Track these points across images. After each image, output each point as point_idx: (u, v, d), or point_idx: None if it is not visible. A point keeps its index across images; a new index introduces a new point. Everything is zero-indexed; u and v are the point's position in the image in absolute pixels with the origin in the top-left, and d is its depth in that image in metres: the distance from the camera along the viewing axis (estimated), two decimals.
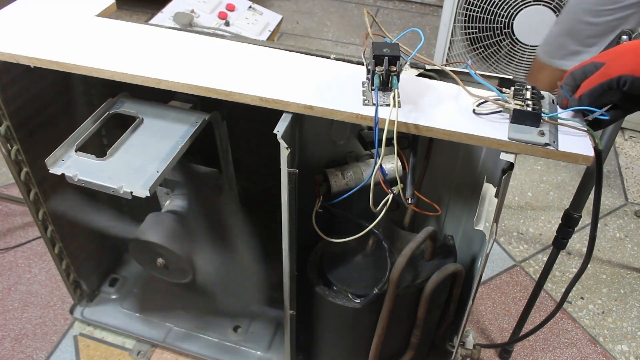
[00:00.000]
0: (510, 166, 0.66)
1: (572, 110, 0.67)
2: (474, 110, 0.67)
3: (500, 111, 0.67)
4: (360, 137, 0.86)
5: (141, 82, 0.73)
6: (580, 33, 1.36)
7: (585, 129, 0.65)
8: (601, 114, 0.65)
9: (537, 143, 0.63)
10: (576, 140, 0.65)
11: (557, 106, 0.69)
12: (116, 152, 0.75)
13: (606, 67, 0.62)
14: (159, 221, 0.93)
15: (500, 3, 1.63)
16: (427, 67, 0.76)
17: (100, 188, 0.71)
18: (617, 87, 0.61)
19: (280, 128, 0.68)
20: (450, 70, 0.73)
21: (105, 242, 1.20)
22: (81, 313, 1.19)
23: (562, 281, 1.37)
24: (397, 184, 0.76)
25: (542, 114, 0.64)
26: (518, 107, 0.65)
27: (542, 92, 0.69)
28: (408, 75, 0.75)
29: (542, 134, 0.64)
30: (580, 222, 0.91)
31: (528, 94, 0.67)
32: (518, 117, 0.65)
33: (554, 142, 0.64)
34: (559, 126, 0.66)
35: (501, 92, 0.68)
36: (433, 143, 0.86)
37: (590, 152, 0.63)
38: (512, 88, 0.68)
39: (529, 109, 0.65)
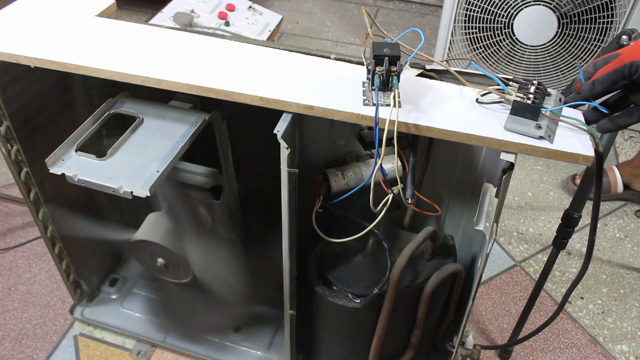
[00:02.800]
0: (511, 166, 0.66)
1: (582, 101, 0.67)
2: (477, 100, 0.68)
3: (501, 101, 0.67)
4: (360, 137, 0.86)
5: (141, 82, 0.73)
6: None
7: (586, 128, 0.65)
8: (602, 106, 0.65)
9: (532, 135, 0.63)
10: (577, 140, 0.65)
11: (562, 103, 0.69)
12: (116, 152, 0.75)
13: (622, 56, 0.63)
14: (158, 221, 0.93)
15: (500, 3, 1.63)
16: (429, 65, 0.76)
17: (101, 188, 0.71)
18: (629, 74, 0.62)
19: (280, 128, 0.68)
20: (452, 69, 0.73)
21: (105, 242, 1.20)
22: (81, 313, 1.19)
23: (562, 281, 1.37)
24: (397, 184, 0.76)
25: (542, 108, 0.64)
26: (518, 99, 0.65)
27: (550, 90, 0.69)
28: (408, 75, 0.75)
29: (538, 127, 0.64)
30: (580, 222, 0.91)
31: (532, 89, 0.67)
32: (517, 109, 0.65)
33: (550, 136, 0.64)
34: (560, 125, 0.66)
35: (507, 85, 0.68)
36: (433, 143, 0.86)
37: (591, 152, 0.63)
38: (518, 83, 0.69)
39: (529, 101, 0.65)
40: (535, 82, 0.68)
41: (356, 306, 0.86)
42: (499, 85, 0.68)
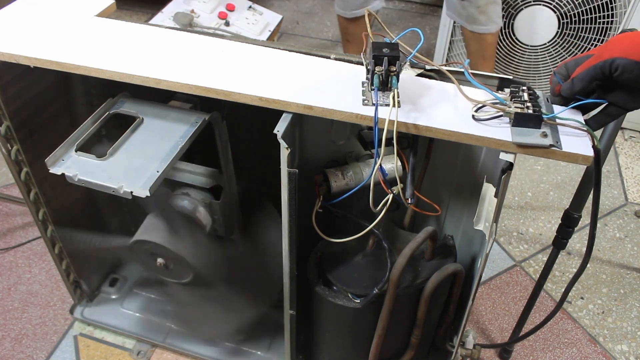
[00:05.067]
0: (510, 166, 0.66)
1: (570, 108, 0.67)
2: (473, 116, 0.67)
3: (500, 115, 0.66)
4: (360, 137, 0.86)
5: (141, 82, 0.73)
6: None
7: (585, 128, 0.65)
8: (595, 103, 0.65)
9: (542, 145, 0.63)
10: (576, 140, 0.65)
11: (552, 105, 0.69)
12: (116, 152, 0.75)
13: (601, 52, 0.62)
14: (158, 221, 0.92)
15: None
16: (428, 66, 0.76)
17: (100, 188, 0.71)
18: (609, 72, 0.61)
19: (280, 128, 0.68)
20: (449, 71, 0.73)
21: (105, 242, 1.20)
22: (81, 313, 1.19)
23: (562, 281, 1.37)
24: (397, 184, 0.76)
25: (543, 115, 0.64)
26: (519, 110, 0.65)
27: (537, 92, 0.69)
28: (408, 75, 0.75)
29: (544, 135, 0.64)
30: (580, 222, 0.91)
31: (525, 96, 0.67)
32: (519, 120, 0.65)
33: (557, 142, 0.64)
34: (559, 126, 0.66)
35: (498, 94, 0.68)
36: (433, 143, 0.86)
37: (590, 152, 0.63)
38: (508, 90, 0.68)
39: (530, 111, 0.64)
40: (524, 87, 0.68)
41: (356, 306, 0.86)
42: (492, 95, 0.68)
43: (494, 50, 1.62)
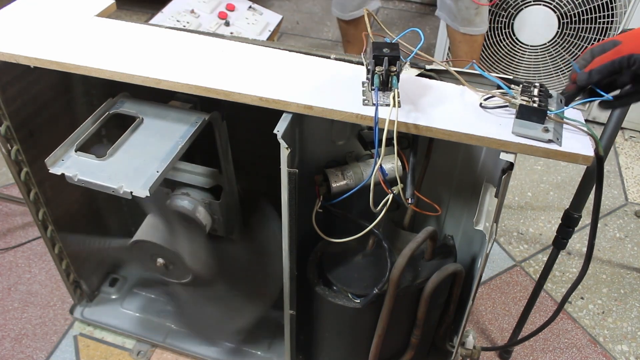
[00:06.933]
0: (510, 166, 0.66)
1: (581, 102, 0.67)
2: (481, 104, 0.67)
3: (506, 106, 0.67)
4: (360, 137, 0.86)
5: (141, 82, 0.73)
6: None
7: (586, 129, 0.65)
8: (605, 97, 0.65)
9: (541, 139, 0.63)
10: (577, 140, 0.65)
11: (564, 106, 0.69)
12: (116, 152, 0.75)
13: (621, 46, 0.63)
14: (158, 222, 0.92)
15: (500, 3, 1.63)
16: (429, 66, 0.76)
17: (100, 188, 0.71)
18: (627, 66, 0.62)
19: (280, 128, 0.68)
20: (452, 69, 0.73)
21: (105, 242, 1.20)
22: (81, 313, 1.19)
23: (562, 281, 1.37)
24: (397, 184, 0.76)
25: (548, 111, 0.64)
26: (524, 102, 0.65)
27: (550, 91, 0.69)
28: (408, 75, 0.75)
29: (546, 130, 0.64)
30: (580, 222, 0.91)
31: (535, 92, 0.67)
32: (524, 113, 0.65)
33: (558, 139, 0.64)
34: (564, 125, 0.66)
35: (509, 88, 0.68)
36: (433, 143, 0.86)
37: (590, 152, 0.63)
38: (520, 85, 0.68)
39: (535, 105, 0.65)
40: (537, 84, 0.68)
41: (356, 306, 0.86)
42: (500, 88, 0.68)
43: (480, 52, 1.62)
